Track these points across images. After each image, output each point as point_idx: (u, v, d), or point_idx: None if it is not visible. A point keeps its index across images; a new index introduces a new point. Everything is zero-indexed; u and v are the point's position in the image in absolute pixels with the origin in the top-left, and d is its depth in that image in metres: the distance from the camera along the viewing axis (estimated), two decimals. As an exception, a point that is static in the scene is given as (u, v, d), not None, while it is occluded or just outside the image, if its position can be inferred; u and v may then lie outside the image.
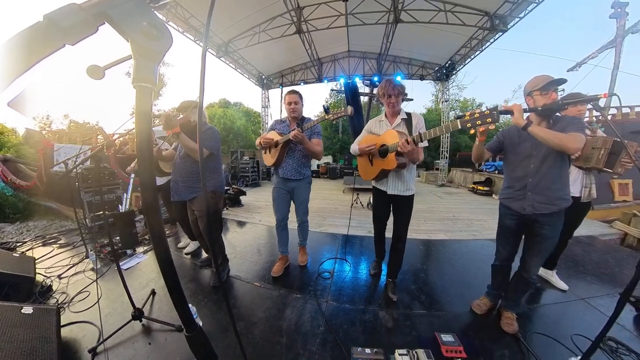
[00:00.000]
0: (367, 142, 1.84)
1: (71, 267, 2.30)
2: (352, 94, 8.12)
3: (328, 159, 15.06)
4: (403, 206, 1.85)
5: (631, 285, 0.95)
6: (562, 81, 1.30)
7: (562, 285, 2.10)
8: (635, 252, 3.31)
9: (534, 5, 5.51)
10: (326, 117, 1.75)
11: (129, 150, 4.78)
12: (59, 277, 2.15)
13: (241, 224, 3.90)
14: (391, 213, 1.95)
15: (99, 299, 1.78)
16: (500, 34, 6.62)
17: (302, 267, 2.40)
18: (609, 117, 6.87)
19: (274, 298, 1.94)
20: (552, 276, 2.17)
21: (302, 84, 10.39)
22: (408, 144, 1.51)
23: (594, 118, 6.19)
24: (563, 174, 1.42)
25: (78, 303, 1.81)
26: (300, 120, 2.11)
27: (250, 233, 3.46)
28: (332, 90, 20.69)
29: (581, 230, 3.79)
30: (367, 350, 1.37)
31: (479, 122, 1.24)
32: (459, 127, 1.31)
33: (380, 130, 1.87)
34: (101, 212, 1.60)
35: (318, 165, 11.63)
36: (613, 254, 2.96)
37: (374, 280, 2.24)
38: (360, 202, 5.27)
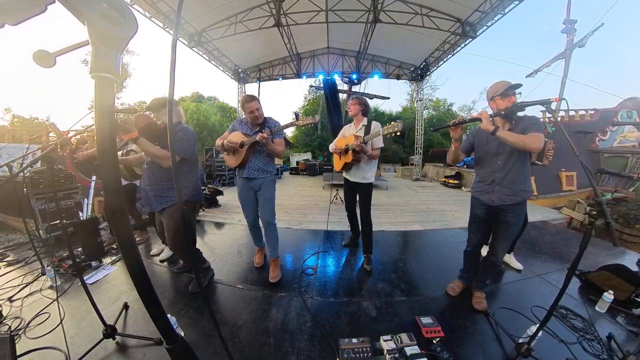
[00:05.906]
0: (338, 144, 2.40)
1: (24, 287, 2.03)
2: (330, 90, 8.14)
3: (307, 155, 15.01)
4: (362, 192, 2.31)
5: (576, 261, 1.11)
6: (519, 85, 1.46)
7: (518, 265, 2.37)
8: (579, 233, 3.79)
9: (500, 16, 6.04)
10: (296, 122, 1.88)
11: (88, 150, 4.32)
12: (10, 299, 1.88)
13: (219, 225, 3.75)
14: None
15: (62, 320, 1.58)
16: (470, 40, 7.09)
17: (274, 283, 2.06)
18: (559, 119, 7.79)
19: (258, 299, 1.91)
20: (510, 258, 2.42)
21: (280, 79, 10.15)
22: (358, 145, 2.04)
23: (546, 119, 6.97)
24: (525, 169, 1.58)
25: (37, 327, 1.60)
26: (263, 121, 2.05)
27: (229, 234, 3.35)
28: (311, 86, 20.52)
29: (536, 216, 4.31)
30: (354, 340, 1.42)
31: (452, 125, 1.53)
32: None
33: (347, 134, 2.37)
34: (58, 221, 1.43)
35: (297, 162, 11.54)
36: (562, 236, 3.37)
37: (356, 273, 2.31)
38: (340, 198, 5.34)
